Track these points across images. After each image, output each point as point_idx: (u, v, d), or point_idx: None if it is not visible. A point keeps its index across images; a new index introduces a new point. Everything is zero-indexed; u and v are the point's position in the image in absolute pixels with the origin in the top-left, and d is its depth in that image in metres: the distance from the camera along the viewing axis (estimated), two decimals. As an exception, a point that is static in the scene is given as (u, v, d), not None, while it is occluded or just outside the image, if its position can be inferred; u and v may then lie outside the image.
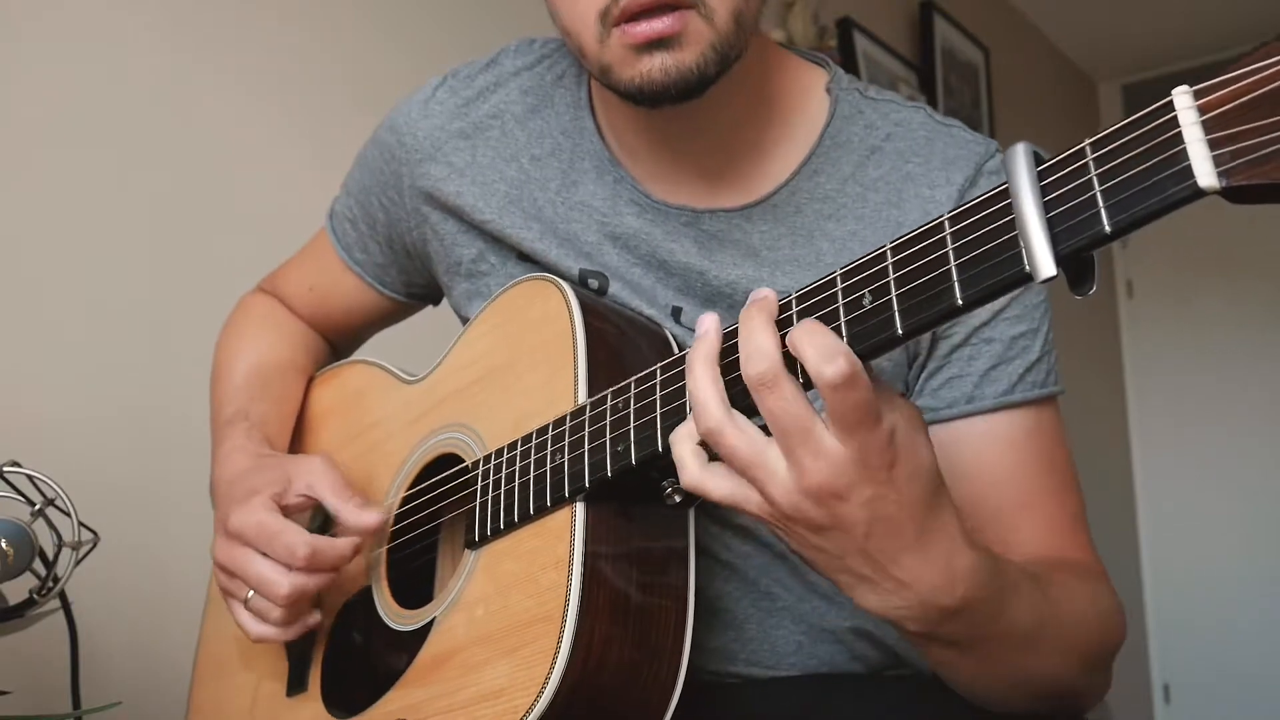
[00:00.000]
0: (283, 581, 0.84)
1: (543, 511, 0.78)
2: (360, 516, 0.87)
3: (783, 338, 0.62)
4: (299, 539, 0.84)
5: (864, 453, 0.60)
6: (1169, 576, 4.22)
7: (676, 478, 0.69)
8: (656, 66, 0.78)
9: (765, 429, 0.63)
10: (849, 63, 2.86)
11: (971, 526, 0.86)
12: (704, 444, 0.66)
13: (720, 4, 0.78)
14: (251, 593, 0.86)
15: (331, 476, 0.89)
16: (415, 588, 0.92)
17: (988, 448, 0.86)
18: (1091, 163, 0.52)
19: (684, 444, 0.66)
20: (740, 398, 0.64)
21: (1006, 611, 0.68)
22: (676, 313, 0.90)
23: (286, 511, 0.88)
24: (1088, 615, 0.76)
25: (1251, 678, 3.83)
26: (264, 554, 0.86)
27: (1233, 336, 4.15)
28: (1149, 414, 4.37)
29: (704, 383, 0.65)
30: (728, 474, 0.65)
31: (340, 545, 0.86)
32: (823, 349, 0.59)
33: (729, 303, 0.89)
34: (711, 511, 0.87)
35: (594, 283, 0.92)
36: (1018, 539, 0.84)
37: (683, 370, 0.70)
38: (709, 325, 0.67)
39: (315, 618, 0.90)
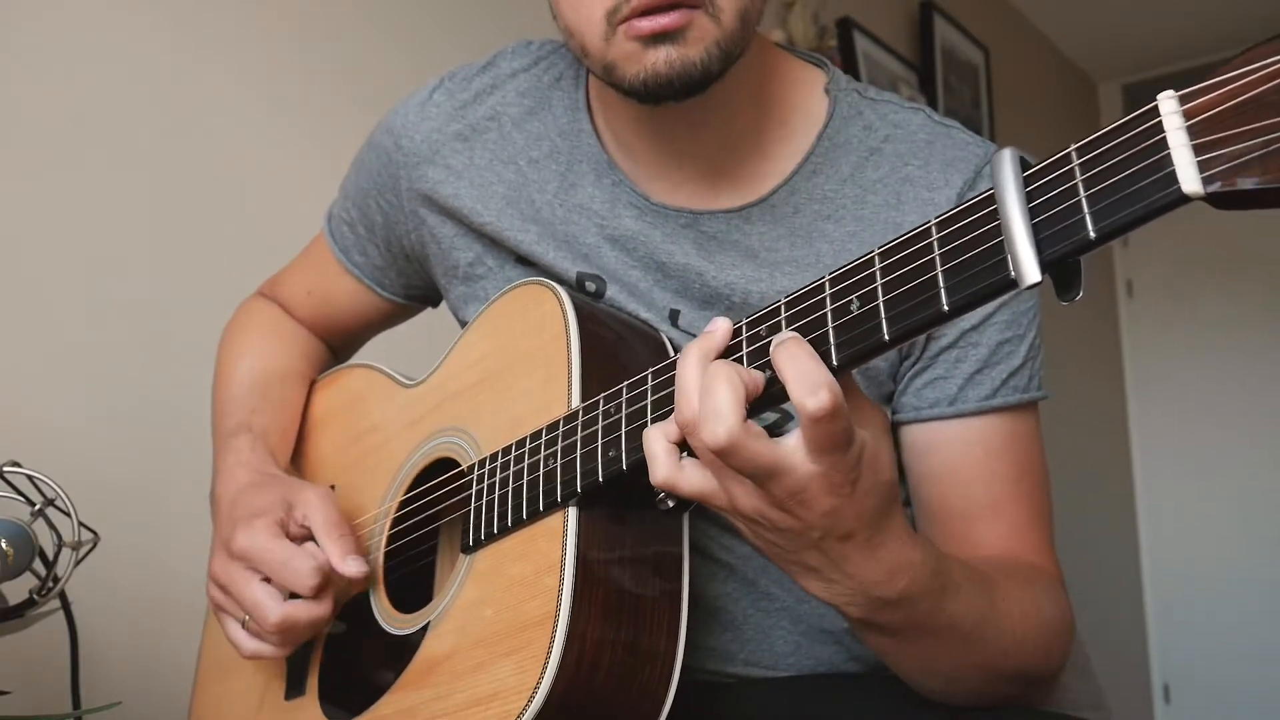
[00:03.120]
0: (274, 609, 0.84)
1: (536, 516, 0.78)
2: (343, 565, 0.85)
3: (766, 345, 0.63)
4: (305, 565, 0.84)
5: (831, 472, 0.61)
6: (1169, 576, 4.22)
7: None
8: (661, 59, 0.79)
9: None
10: (849, 63, 2.86)
11: (935, 523, 0.87)
12: (679, 443, 0.66)
13: (728, 3, 0.79)
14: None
15: (325, 511, 0.88)
16: (415, 591, 0.92)
17: (963, 451, 0.87)
18: (1077, 168, 0.52)
19: (657, 440, 0.66)
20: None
21: (945, 607, 0.70)
22: (674, 315, 0.91)
23: (290, 539, 0.87)
24: (1030, 623, 0.77)
25: (1251, 678, 3.83)
26: (264, 578, 0.86)
27: (1233, 336, 4.14)
28: (1149, 414, 4.37)
29: (690, 376, 0.65)
30: (697, 471, 0.65)
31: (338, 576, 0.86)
32: (807, 379, 0.59)
33: (727, 304, 0.89)
34: (709, 513, 0.87)
35: (591, 285, 0.92)
36: (979, 538, 0.86)
37: (674, 375, 0.70)
38: (718, 326, 0.67)
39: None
